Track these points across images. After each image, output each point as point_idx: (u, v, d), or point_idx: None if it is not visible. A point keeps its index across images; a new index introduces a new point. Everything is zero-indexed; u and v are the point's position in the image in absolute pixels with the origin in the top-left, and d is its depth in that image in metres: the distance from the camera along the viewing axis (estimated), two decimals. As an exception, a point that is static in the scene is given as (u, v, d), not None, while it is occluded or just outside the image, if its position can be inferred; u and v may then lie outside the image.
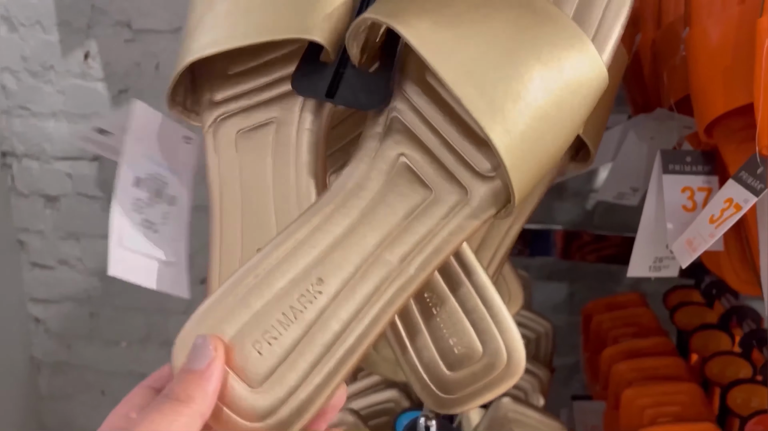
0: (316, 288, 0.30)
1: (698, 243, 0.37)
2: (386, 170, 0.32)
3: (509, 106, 0.29)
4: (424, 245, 0.31)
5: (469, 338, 0.35)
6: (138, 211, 0.41)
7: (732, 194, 0.35)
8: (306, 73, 0.34)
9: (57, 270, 1.18)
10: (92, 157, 1.10)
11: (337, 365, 0.30)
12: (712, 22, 0.42)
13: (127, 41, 1.03)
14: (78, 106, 1.08)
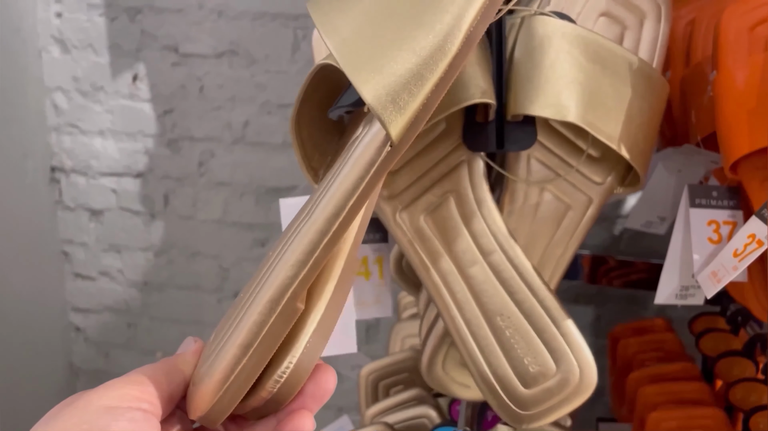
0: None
1: (722, 275, 0.39)
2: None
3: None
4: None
5: (543, 357, 0.39)
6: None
7: (755, 230, 0.38)
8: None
9: (98, 281, 1.23)
10: (136, 174, 1.15)
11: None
12: (739, 66, 0.45)
13: (174, 64, 1.08)
14: (124, 125, 1.13)
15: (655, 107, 0.43)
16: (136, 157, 1.14)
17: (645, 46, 0.44)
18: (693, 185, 0.47)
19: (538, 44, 0.39)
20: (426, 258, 0.42)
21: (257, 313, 0.25)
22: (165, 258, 1.19)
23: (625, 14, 0.44)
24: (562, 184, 0.43)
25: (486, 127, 0.41)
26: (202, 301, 1.20)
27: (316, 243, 0.25)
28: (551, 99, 0.38)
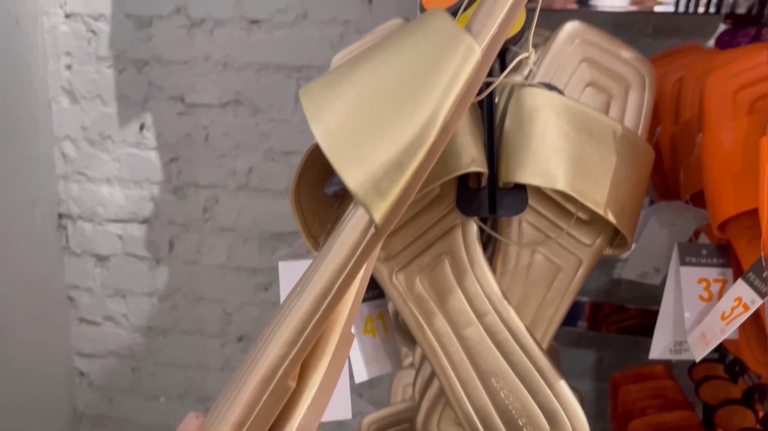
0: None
1: (711, 338, 0.40)
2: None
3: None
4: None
5: (537, 418, 0.40)
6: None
7: (741, 293, 0.39)
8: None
9: (103, 326, 1.24)
10: (142, 220, 1.17)
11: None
12: (724, 130, 0.46)
13: (180, 114, 1.11)
14: (131, 172, 1.15)
15: (640, 174, 0.44)
16: (142, 203, 1.16)
17: (630, 114, 0.46)
18: (682, 244, 0.49)
19: (527, 115, 0.41)
20: (421, 319, 0.43)
21: (249, 392, 0.26)
22: (169, 303, 1.20)
23: (611, 84, 0.46)
24: (552, 246, 0.44)
25: (479, 193, 0.42)
26: (205, 346, 1.21)
27: (305, 322, 0.26)
28: (540, 168, 0.40)
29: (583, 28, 0.46)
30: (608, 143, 0.42)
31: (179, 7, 1.07)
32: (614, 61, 0.46)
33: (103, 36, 1.10)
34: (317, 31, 1.04)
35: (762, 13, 0.70)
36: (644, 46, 0.96)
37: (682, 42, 0.95)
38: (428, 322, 0.43)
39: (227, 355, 1.20)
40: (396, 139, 0.25)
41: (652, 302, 0.92)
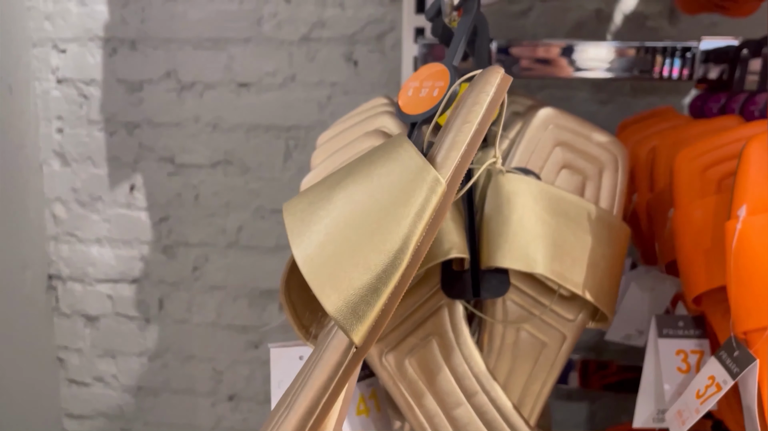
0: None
1: (686, 417, 0.41)
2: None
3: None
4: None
5: None
6: None
7: (714, 372, 0.40)
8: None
9: (92, 387, 1.23)
10: (131, 280, 1.17)
11: None
12: (693, 207, 0.48)
13: (170, 174, 1.12)
14: (121, 232, 1.16)
15: (616, 252, 0.46)
16: (132, 263, 1.17)
17: (605, 194, 0.47)
18: (660, 316, 0.50)
19: (506, 201, 0.43)
20: (411, 400, 0.44)
21: None
22: (159, 363, 1.20)
23: (585, 165, 0.48)
24: (537, 323, 0.46)
25: (462, 276, 0.43)
26: (196, 405, 1.20)
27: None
28: (520, 252, 0.41)
29: (556, 114, 0.48)
30: (584, 225, 0.44)
31: (169, 71, 1.09)
32: (587, 143, 0.48)
33: (94, 100, 1.12)
34: (305, 92, 1.06)
35: (732, 79, 0.73)
36: (622, 104, 0.99)
37: (659, 100, 0.98)
38: (418, 403, 0.44)
39: (218, 414, 1.20)
40: (371, 266, 0.27)
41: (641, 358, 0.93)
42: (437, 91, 0.41)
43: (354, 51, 1.05)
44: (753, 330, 0.39)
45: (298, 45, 1.05)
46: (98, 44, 1.10)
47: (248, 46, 1.07)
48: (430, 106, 0.37)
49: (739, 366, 0.38)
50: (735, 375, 0.38)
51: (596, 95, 1.00)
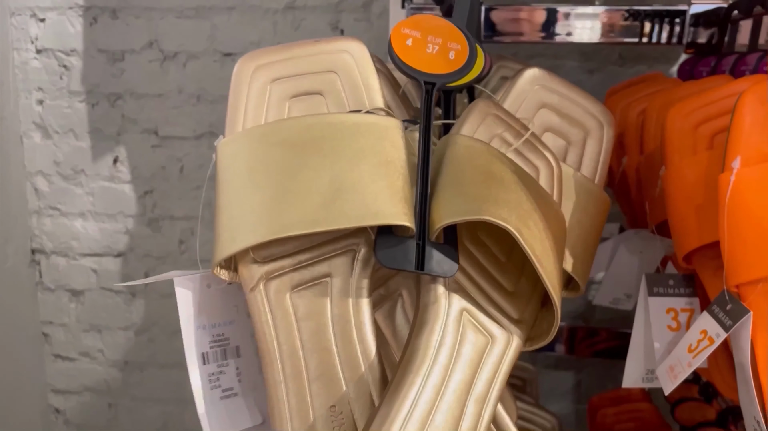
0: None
1: (678, 371, 0.41)
2: (457, 326, 0.38)
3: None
4: (495, 382, 0.38)
5: None
6: (215, 386, 0.41)
7: (706, 327, 0.40)
8: (387, 248, 0.37)
9: (78, 362, 1.22)
10: (116, 254, 1.16)
11: None
12: (685, 164, 0.48)
13: (154, 146, 1.11)
14: (105, 206, 1.14)
15: (594, 220, 0.45)
16: (117, 237, 1.15)
17: (587, 162, 0.46)
18: (650, 275, 0.50)
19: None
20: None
21: None
22: (146, 337, 1.19)
23: (570, 130, 0.47)
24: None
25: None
26: (183, 379, 1.19)
27: None
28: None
29: (544, 75, 0.47)
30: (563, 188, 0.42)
31: (151, 41, 1.07)
32: (574, 108, 0.47)
33: (75, 71, 1.10)
34: (290, 62, 1.05)
35: (721, 43, 0.72)
36: (611, 72, 0.99)
37: (647, 68, 0.98)
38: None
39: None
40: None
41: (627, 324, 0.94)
42: (453, 54, 0.39)
43: (340, 19, 1.03)
44: (746, 283, 0.39)
45: (283, 13, 1.03)
46: (78, 12, 1.08)
47: (232, 15, 1.05)
48: (449, 69, 0.36)
49: (732, 319, 0.38)
50: (728, 328, 0.38)
51: (584, 64, 0.99)
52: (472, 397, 0.37)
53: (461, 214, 0.36)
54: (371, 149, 0.37)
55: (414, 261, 0.37)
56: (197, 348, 0.41)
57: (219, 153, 0.40)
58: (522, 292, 0.40)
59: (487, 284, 0.40)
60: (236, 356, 0.42)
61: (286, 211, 0.36)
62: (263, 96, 0.39)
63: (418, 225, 0.37)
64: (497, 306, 0.39)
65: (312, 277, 0.39)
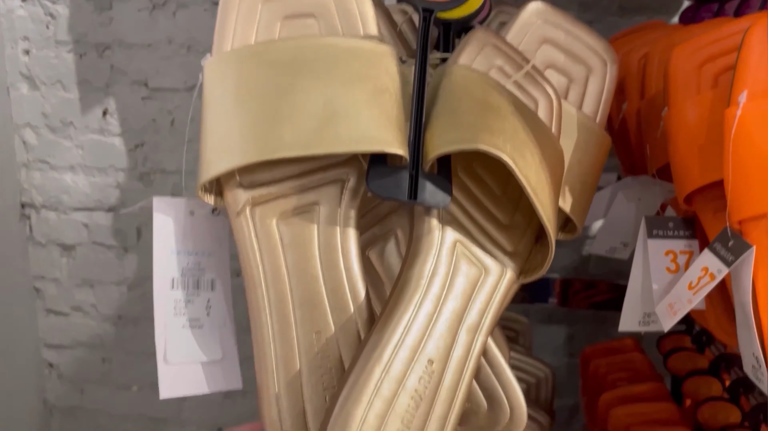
0: (429, 369, 0.35)
1: (678, 308, 0.41)
2: (450, 257, 0.37)
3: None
4: (487, 313, 0.37)
5: (475, 395, 0.40)
6: (179, 313, 0.40)
7: (707, 263, 0.39)
8: (380, 177, 0.36)
9: (71, 317, 1.22)
10: (108, 208, 1.15)
11: (453, 423, 0.35)
12: (689, 104, 0.47)
13: (144, 98, 1.09)
14: (95, 159, 1.13)
15: (594, 160, 0.44)
16: (108, 191, 1.14)
17: (589, 101, 0.45)
18: (650, 217, 0.49)
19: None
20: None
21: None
22: (139, 292, 1.18)
23: (572, 67, 0.45)
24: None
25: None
26: (177, 334, 1.19)
27: None
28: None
29: (547, 8, 0.45)
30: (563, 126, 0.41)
31: (140, -12, 1.04)
32: (577, 44, 0.45)
33: (61, 19, 1.07)
34: (283, 12, 1.02)
35: (724, -11, 0.70)
36: (610, 24, 0.97)
37: (647, 19, 0.96)
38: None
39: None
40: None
41: (621, 277, 0.94)
42: None
43: (334, -33, 1.00)
44: (749, 219, 0.38)
45: (276, -40, 1.01)
46: (63, -42, 1.04)
47: (223, -38, 1.02)
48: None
49: (734, 255, 0.38)
50: (730, 263, 0.38)
51: (583, 15, 0.97)
52: (464, 326, 0.37)
53: (455, 143, 0.36)
54: (366, 75, 0.36)
55: (406, 191, 0.36)
56: (167, 272, 0.40)
57: (206, 72, 0.39)
58: (517, 225, 0.40)
59: (482, 216, 0.39)
60: (210, 289, 0.41)
61: (276, 133, 0.35)
62: (253, 15, 0.38)
63: (412, 154, 0.36)
64: (491, 238, 0.39)
65: (300, 205, 0.38)
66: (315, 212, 0.38)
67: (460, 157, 0.39)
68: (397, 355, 0.34)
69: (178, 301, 0.40)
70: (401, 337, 0.34)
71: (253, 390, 1.27)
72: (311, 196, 0.38)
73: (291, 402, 0.35)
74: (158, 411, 1.24)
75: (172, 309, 0.40)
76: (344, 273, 0.37)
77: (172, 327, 0.40)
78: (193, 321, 0.40)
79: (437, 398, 0.35)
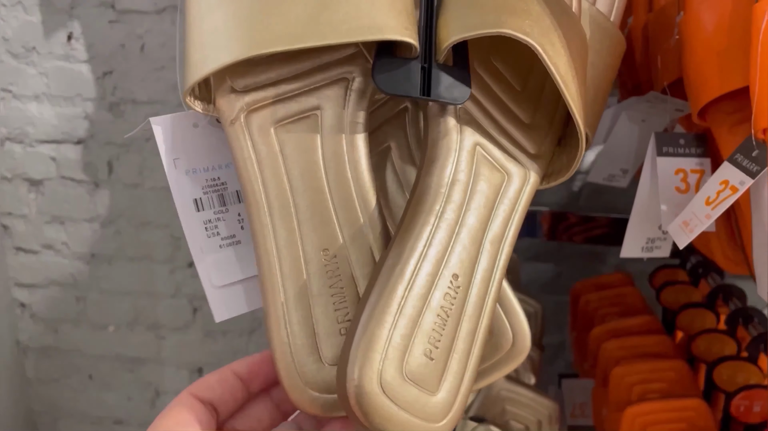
0: (454, 284, 0.32)
1: (694, 225, 0.37)
2: (470, 161, 0.34)
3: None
4: (511, 221, 0.34)
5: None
6: (213, 234, 0.37)
7: (728, 176, 0.36)
8: (387, 71, 0.32)
9: (42, 255, 1.17)
10: (76, 140, 1.09)
11: (481, 340, 0.32)
12: (706, 6, 0.43)
13: (111, 22, 1.02)
14: (61, 88, 1.06)
15: (608, 63, 0.40)
16: (76, 122, 1.08)
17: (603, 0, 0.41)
18: (660, 133, 0.46)
19: None
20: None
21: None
22: (112, 229, 1.14)
23: None
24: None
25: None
26: (154, 272, 1.15)
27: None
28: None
29: None
30: (574, 20, 0.37)
31: None
32: None
33: (18, -67, 0.99)
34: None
35: None
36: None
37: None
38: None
39: (177, 281, 1.16)
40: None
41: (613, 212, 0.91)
42: None
43: None
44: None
45: None
46: None
47: None
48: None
49: (760, 165, 0.34)
50: (754, 174, 0.34)
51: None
52: (488, 237, 0.33)
53: (475, 28, 0.31)
54: None
55: (419, 86, 0.32)
56: (188, 195, 0.36)
57: None
58: (539, 125, 0.36)
59: (502, 115, 0.35)
60: (237, 201, 0.38)
61: (265, 24, 0.31)
62: None
63: (423, 42, 0.32)
64: (513, 139, 0.35)
65: (299, 110, 0.34)
66: (317, 118, 0.34)
67: (476, 47, 0.35)
68: (420, 271, 0.31)
69: (209, 222, 0.37)
70: (423, 251, 0.31)
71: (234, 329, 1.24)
72: (312, 99, 0.34)
73: (300, 325, 0.32)
74: (136, 350, 1.21)
75: (203, 231, 0.37)
76: (353, 184, 0.34)
77: (210, 249, 0.37)
78: (229, 238, 0.37)
79: (464, 314, 0.32)
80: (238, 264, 0.37)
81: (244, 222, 0.38)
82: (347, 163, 0.34)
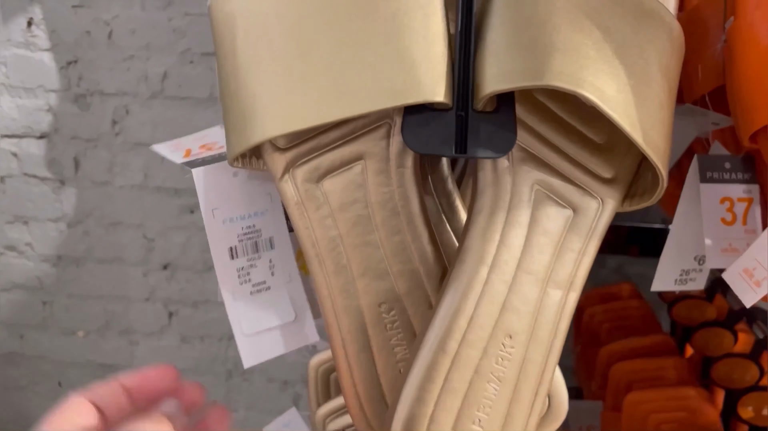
0: (508, 344, 0.30)
1: (761, 277, 0.32)
2: (527, 209, 0.31)
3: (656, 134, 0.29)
4: (580, 259, 0.31)
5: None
6: (245, 281, 0.38)
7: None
8: (418, 126, 0.29)
9: (5, 257, 1.09)
10: (39, 135, 1.01)
11: (543, 397, 0.31)
12: (760, 14, 0.37)
13: (75, 7, 0.93)
14: (21, 78, 0.98)
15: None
16: (39, 115, 1.00)
17: None
18: (703, 156, 0.40)
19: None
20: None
21: None
22: (80, 230, 1.06)
23: None
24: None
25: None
26: (126, 275, 1.08)
27: None
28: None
29: None
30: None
31: None
32: None
33: None
34: None
35: None
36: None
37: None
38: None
39: (151, 284, 1.09)
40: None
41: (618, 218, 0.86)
42: None
43: None
44: None
45: None
46: None
47: None
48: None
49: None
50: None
51: None
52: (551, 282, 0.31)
53: (516, 79, 0.27)
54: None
55: (454, 142, 0.28)
56: (224, 243, 0.38)
57: (214, 14, 0.31)
58: (616, 143, 0.31)
59: (568, 141, 0.31)
60: (269, 248, 0.39)
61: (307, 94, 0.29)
62: None
63: (459, 86, 0.28)
64: (582, 167, 0.31)
65: (342, 160, 0.32)
66: (361, 167, 0.32)
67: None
68: (465, 340, 0.29)
69: (241, 269, 0.39)
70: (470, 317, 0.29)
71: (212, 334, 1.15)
72: (354, 147, 0.32)
73: (363, 378, 0.32)
74: (108, 357, 1.14)
75: (236, 278, 0.38)
76: (408, 234, 0.32)
77: (241, 296, 0.38)
78: (259, 285, 0.39)
79: (521, 375, 0.30)
80: (267, 312, 0.39)
81: (275, 268, 0.39)
82: (399, 213, 0.32)
